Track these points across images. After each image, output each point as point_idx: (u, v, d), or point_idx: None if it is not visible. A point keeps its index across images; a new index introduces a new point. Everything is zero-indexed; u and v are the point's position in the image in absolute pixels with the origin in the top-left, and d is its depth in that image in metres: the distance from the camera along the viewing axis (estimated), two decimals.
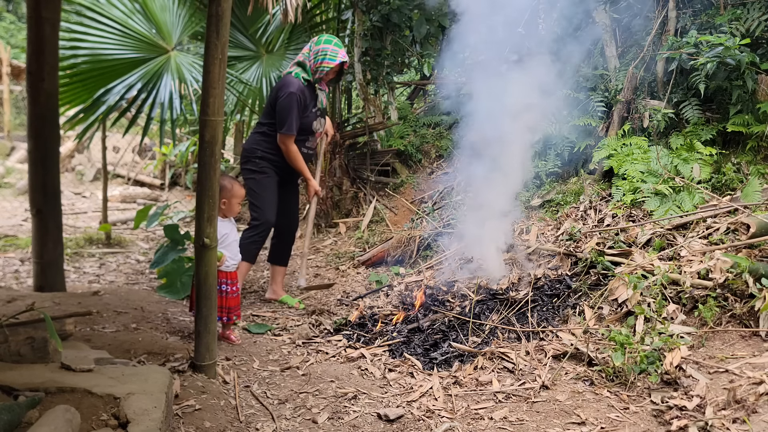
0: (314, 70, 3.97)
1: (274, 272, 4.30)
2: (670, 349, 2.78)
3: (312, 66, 3.97)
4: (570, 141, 4.80)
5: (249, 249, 3.98)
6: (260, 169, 4.02)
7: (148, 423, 1.97)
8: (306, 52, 4.02)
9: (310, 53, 3.99)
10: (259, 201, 4.06)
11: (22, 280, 5.05)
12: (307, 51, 4.02)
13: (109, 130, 7.06)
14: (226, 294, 3.28)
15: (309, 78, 3.98)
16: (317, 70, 3.96)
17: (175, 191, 10.41)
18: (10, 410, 1.85)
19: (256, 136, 4.11)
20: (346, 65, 4.06)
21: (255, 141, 4.08)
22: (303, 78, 3.96)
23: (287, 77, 3.99)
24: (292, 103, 3.87)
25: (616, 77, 4.74)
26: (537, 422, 2.52)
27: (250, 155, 4.05)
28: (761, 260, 3.15)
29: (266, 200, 4.04)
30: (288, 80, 3.96)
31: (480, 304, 3.59)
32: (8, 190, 9.96)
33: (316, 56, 3.95)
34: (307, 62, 3.99)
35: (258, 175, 4.03)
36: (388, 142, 6.25)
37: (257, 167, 4.02)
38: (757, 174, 3.94)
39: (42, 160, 3.79)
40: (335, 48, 3.95)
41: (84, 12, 5.00)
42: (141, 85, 5.09)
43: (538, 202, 4.76)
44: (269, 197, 4.05)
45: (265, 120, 4.10)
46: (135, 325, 3.32)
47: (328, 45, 3.95)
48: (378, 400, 2.76)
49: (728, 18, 4.25)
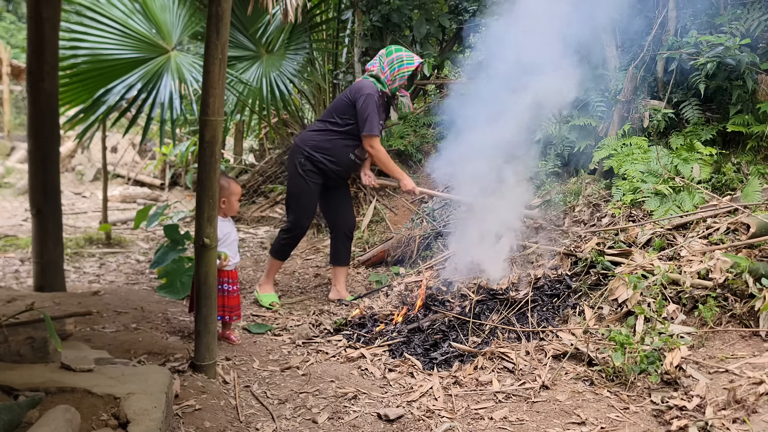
0: (392, 79, 3.99)
1: (336, 273, 4.33)
2: (670, 349, 2.78)
3: (389, 76, 3.98)
4: (570, 141, 4.80)
5: (282, 250, 4.19)
6: (303, 171, 4.01)
7: (148, 423, 1.97)
8: (377, 66, 4.02)
9: (383, 65, 4.00)
10: (295, 204, 4.08)
11: (22, 280, 5.05)
12: (378, 64, 4.02)
13: (109, 130, 7.06)
14: (227, 293, 3.28)
15: (384, 89, 3.99)
16: (396, 78, 3.98)
17: (175, 191, 10.41)
18: (10, 410, 1.85)
19: (309, 133, 4.11)
20: (419, 67, 4.09)
21: (304, 139, 4.08)
22: (379, 88, 3.98)
23: (363, 81, 4.00)
24: (370, 104, 3.88)
25: (616, 77, 4.73)
26: (537, 422, 2.52)
27: (295, 153, 4.05)
28: (761, 260, 3.15)
29: (302, 205, 4.06)
30: (364, 83, 3.97)
31: (480, 304, 3.59)
32: (8, 190, 9.96)
33: (391, 65, 3.97)
34: (381, 74, 3.99)
35: (299, 179, 4.03)
36: (388, 142, 6.25)
37: (301, 169, 4.01)
38: (757, 174, 3.94)
39: (42, 160, 3.79)
40: (408, 53, 4.01)
41: (84, 12, 5.00)
42: (141, 85, 5.09)
43: (537, 202, 4.76)
44: (306, 202, 4.06)
45: (323, 118, 4.11)
46: (135, 325, 3.32)
47: (401, 52, 4.00)
48: (378, 400, 2.76)
49: (728, 18, 4.25)
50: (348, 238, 4.30)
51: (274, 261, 4.22)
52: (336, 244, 4.31)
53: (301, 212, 4.09)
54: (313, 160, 4.01)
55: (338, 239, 4.29)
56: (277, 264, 4.25)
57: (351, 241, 4.35)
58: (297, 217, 4.10)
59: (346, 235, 4.28)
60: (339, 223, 4.28)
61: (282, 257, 4.23)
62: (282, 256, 4.22)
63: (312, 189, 4.05)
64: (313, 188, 4.05)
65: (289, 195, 4.13)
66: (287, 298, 4.38)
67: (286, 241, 4.16)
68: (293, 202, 4.10)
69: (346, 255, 4.32)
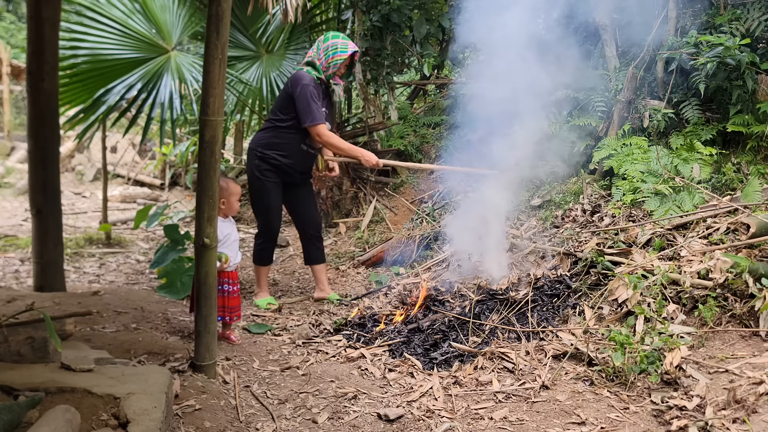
0: (326, 67, 3.97)
1: (314, 272, 4.32)
2: (670, 349, 2.78)
3: (324, 63, 3.96)
4: (570, 141, 4.80)
5: (261, 255, 4.18)
6: (260, 173, 4.01)
7: (148, 423, 1.97)
8: (314, 52, 4.01)
9: (319, 51, 3.98)
10: (260, 207, 4.08)
11: (22, 280, 5.05)
12: (315, 50, 4.01)
13: (109, 130, 7.06)
14: (228, 294, 3.28)
15: (321, 76, 3.98)
16: (330, 65, 3.96)
17: (175, 191, 10.41)
18: (10, 410, 1.85)
19: (259, 134, 4.11)
20: (356, 55, 4.07)
21: (255, 140, 4.09)
22: (315, 76, 3.96)
23: (298, 72, 3.98)
24: (308, 94, 3.85)
25: (616, 77, 4.73)
26: (537, 422, 2.52)
27: (250, 156, 4.06)
28: (761, 260, 3.15)
29: (267, 207, 4.05)
30: (299, 74, 3.95)
31: (480, 304, 3.59)
32: (8, 190, 9.97)
33: (326, 52, 3.95)
34: (317, 61, 3.98)
35: (258, 182, 4.03)
36: (388, 142, 6.25)
37: (258, 171, 4.01)
38: (757, 174, 3.94)
39: (42, 160, 3.79)
40: (344, 41, 3.97)
41: (84, 12, 5.00)
42: (141, 85, 5.09)
43: (538, 202, 4.76)
44: (270, 203, 4.05)
45: (270, 117, 4.12)
46: (135, 325, 3.32)
47: (337, 39, 3.97)
48: (378, 400, 2.76)
49: (728, 18, 4.25)
50: (316, 238, 4.29)
51: (258, 268, 4.22)
52: (306, 245, 4.31)
53: (268, 214, 4.08)
54: (267, 159, 3.99)
55: (308, 240, 4.29)
56: (263, 270, 4.23)
57: (321, 240, 4.33)
58: (265, 219, 4.11)
59: (313, 235, 4.27)
60: (304, 225, 4.26)
61: (264, 262, 4.20)
62: (263, 262, 4.19)
63: (272, 188, 4.03)
64: (272, 187, 4.03)
65: (253, 199, 4.12)
66: (287, 298, 4.38)
67: (262, 246, 4.15)
68: (258, 205, 4.10)
69: (318, 253, 4.30)
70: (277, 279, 4.93)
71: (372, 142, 6.08)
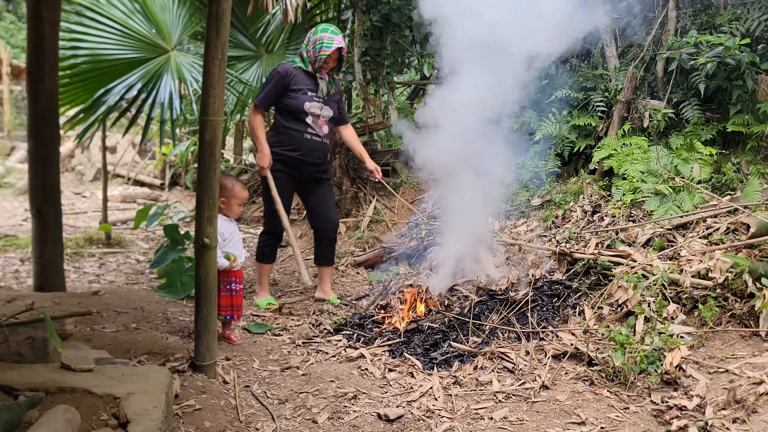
0: (313, 60, 3.99)
1: (321, 273, 4.32)
2: (670, 349, 2.78)
3: (311, 56, 3.99)
4: (570, 141, 4.80)
5: (263, 252, 4.20)
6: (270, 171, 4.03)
7: (148, 423, 1.97)
8: (305, 44, 4.06)
9: (308, 44, 4.03)
10: (268, 203, 4.08)
11: (22, 280, 5.05)
12: (306, 41, 4.06)
13: (108, 130, 7.06)
14: (236, 293, 3.29)
15: (305, 67, 4.02)
16: (316, 59, 3.98)
17: (175, 191, 10.42)
18: (10, 410, 1.85)
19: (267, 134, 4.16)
20: (344, 51, 4.06)
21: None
22: (298, 65, 4.02)
23: (282, 63, 4.12)
24: (270, 79, 4.00)
25: (616, 77, 4.74)
26: (537, 422, 2.52)
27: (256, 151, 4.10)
28: (761, 260, 3.15)
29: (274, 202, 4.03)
30: (280, 64, 4.09)
31: (480, 304, 3.59)
32: (8, 190, 9.97)
33: (314, 45, 3.98)
34: (305, 53, 4.03)
35: (267, 179, 4.03)
36: (388, 142, 6.26)
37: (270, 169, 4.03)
38: (757, 174, 3.94)
39: (42, 160, 3.79)
40: (331, 35, 3.97)
41: (84, 12, 5.00)
42: (141, 85, 5.09)
43: (537, 202, 4.76)
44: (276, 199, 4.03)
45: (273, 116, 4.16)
46: (135, 325, 3.32)
47: (325, 33, 3.97)
48: (378, 400, 2.76)
49: (728, 18, 4.26)
50: (331, 240, 4.28)
51: (260, 265, 4.23)
52: (320, 246, 4.30)
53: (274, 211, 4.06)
54: (276, 157, 4.02)
55: (322, 242, 4.28)
56: (265, 268, 4.23)
57: (335, 242, 4.33)
58: (271, 216, 4.10)
59: (330, 238, 4.26)
60: (321, 227, 4.25)
61: (266, 260, 4.21)
62: (266, 259, 4.20)
63: (279, 185, 4.02)
64: (279, 184, 4.02)
65: (265, 198, 4.14)
66: (287, 297, 4.38)
67: (265, 243, 4.18)
68: (267, 201, 4.11)
69: (330, 256, 4.30)
70: (277, 279, 4.92)
71: (372, 142, 6.08)
